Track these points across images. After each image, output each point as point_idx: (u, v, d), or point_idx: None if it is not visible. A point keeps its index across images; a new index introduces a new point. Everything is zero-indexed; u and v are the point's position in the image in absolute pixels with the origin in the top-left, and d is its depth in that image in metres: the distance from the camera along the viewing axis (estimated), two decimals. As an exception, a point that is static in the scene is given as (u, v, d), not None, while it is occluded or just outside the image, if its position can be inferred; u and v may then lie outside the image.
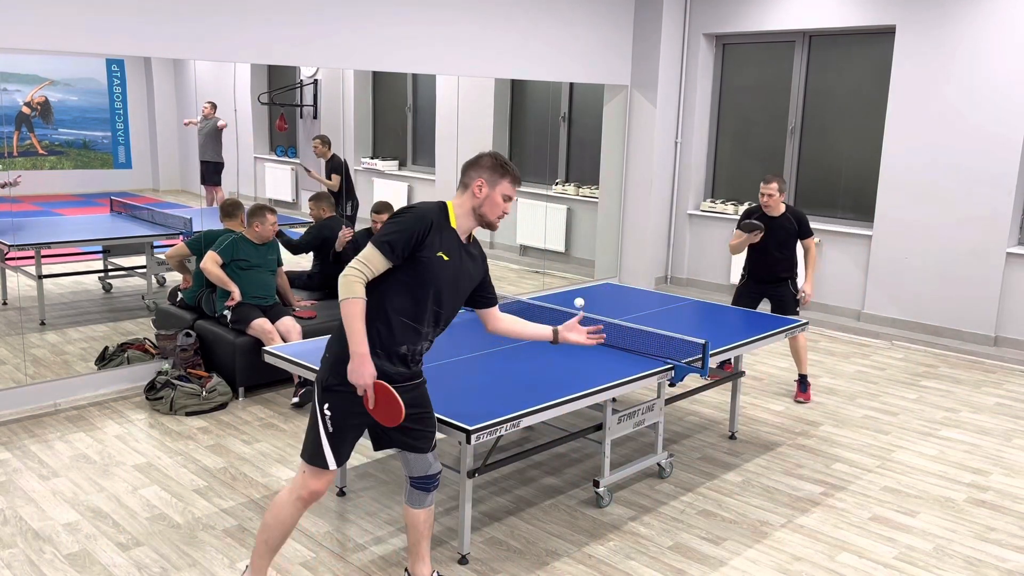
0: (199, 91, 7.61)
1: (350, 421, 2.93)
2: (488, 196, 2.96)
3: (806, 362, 5.76)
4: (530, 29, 7.27)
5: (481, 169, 2.97)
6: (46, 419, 5.07)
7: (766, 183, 5.56)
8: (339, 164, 7.59)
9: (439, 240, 2.88)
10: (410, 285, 2.87)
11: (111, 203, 7.38)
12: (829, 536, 3.94)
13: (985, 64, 6.73)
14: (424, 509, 3.16)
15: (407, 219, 2.83)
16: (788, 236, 5.62)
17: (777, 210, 5.61)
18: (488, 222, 3.00)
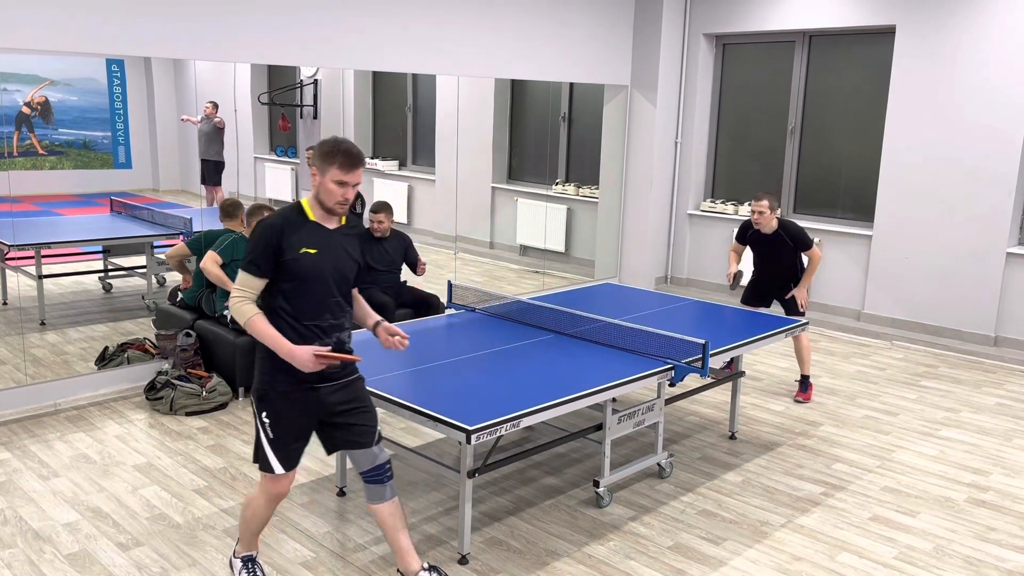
0: (199, 91, 7.61)
1: (286, 426, 3.02)
2: (321, 184, 2.97)
3: (809, 363, 5.77)
4: (530, 29, 7.27)
5: (315, 157, 2.98)
6: (46, 419, 5.07)
7: (756, 200, 5.57)
8: None
9: (298, 238, 2.95)
10: (296, 289, 2.96)
11: (111, 203, 7.38)
12: (829, 536, 3.94)
13: (985, 64, 6.73)
14: (387, 503, 3.17)
15: (258, 234, 2.94)
16: (784, 252, 5.64)
17: (769, 227, 5.62)
18: (328, 209, 3.00)
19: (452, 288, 5.08)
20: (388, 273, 6.21)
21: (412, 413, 3.34)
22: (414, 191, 9.29)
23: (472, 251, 9.48)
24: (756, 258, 5.83)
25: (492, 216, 9.46)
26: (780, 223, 5.64)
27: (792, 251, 5.63)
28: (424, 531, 3.87)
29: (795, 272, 5.71)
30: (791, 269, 5.70)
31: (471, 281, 8.37)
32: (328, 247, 3.02)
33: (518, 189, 9.24)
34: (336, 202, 2.98)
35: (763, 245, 5.70)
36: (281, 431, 3.01)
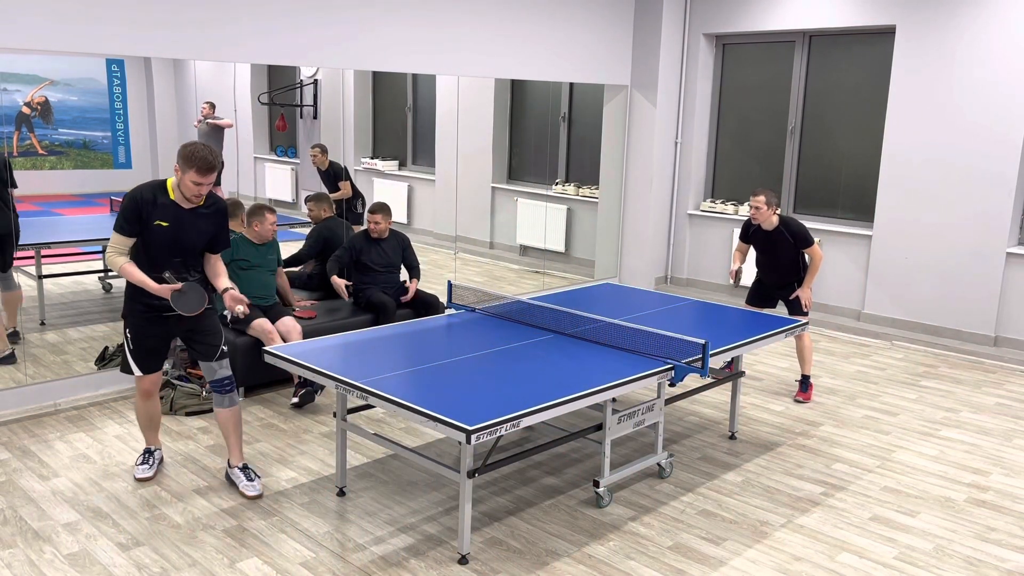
0: (199, 91, 7.61)
1: (144, 339, 4.03)
2: (182, 180, 3.85)
3: (810, 363, 5.77)
4: (530, 29, 7.28)
5: (178, 157, 3.84)
6: (46, 419, 5.07)
7: (754, 195, 5.55)
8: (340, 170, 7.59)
9: (155, 211, 3.86)
10: (145, 249, 3.90)
11: (111, 203, 7.38)
12: (829, 536, 3.94)
13: (985, 64, 6.73)
14: (227, 409, 4.15)
15: (125, 204, 3.84)
16: (785, 249, 5.62)
17: (769, 223, 5.59)
18: (186, 197, 3.90)
19: (452, 288, 5.08)
20: (387, 273, 6.21)
21: (412, 413, 3.34)
22: (414, 191, 9.29)
23: (472, 251, 9.48)
24: (758, 256, 5.83)
25: (492, 216, 9.46)
26: (781, 220, 5.61)
27: (793, 248, 5.61)
28: (424, 531, 3.87)
29: (797, 270, 5.69)
30: (793, 267, 5.68)
31: (471, 281, 8.37)
32: (180, 221, 3.90)
33: (518, 189, 9.24)
34: (192, 194, 3.88)
35: (764, 243, 5.69)
36: (139, 342, 4.02)
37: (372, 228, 6.12)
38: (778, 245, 5.64)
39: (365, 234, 6.17)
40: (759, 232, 5.69)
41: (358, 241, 6.14)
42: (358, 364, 3.88)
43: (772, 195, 5.57)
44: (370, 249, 6.14)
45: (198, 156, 3.80)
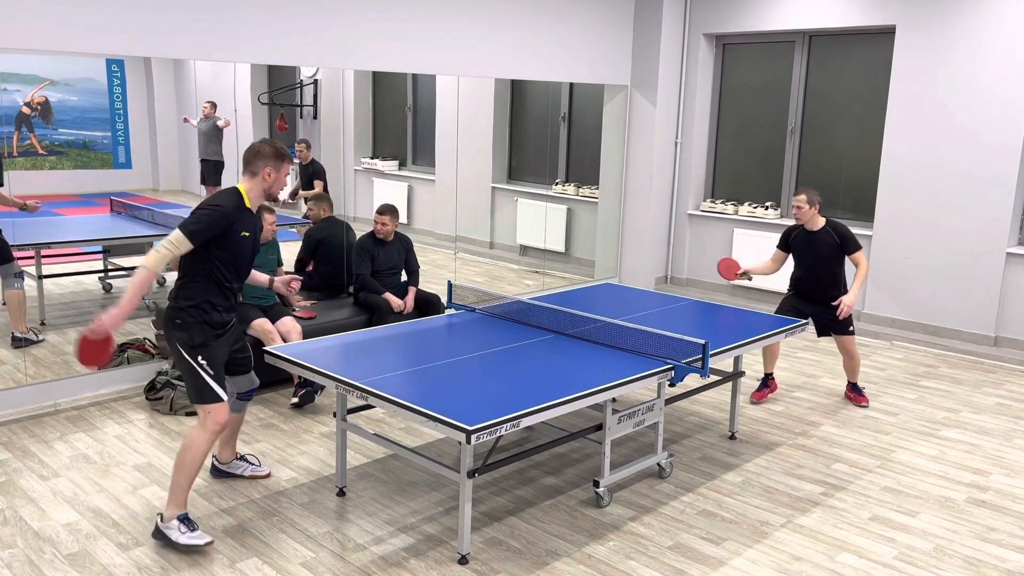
0: (199, 91, 7.61)
1: (216, 363, 3.72)
2: (276, 178, 3.73)
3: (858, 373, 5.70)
4: (530, 29, 7.27)
5: (263, 157, 3.69)
6: (46, 419, 5.07)
7: (796, 195, 5.39)
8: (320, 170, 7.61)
9: (240, 223, 3.65)
10: (227, 259, 3.66)
11: (111, 203, 7.37)
12: (829, 536, 3.94)
13: (985, 64, 6.73)
14: (241, 414, 4.22)
15: (214, 216, 3.56)
16: (829, 251, 5.40)
17: (814, 224, 5.42)
18: (274, 196, 3.82)
19: (452, 288, 5.08)
20: (390, 275, 6.22)
21: (412, 413, 3.34)
22: (414, 191, 9.29)
23: (472, 251, 9.48)
24: (798, 264, 5.55)
25: (492, 216, 9.46)
26: (828, 221, 5.44)
27: (838, 251, 5.39)
28: (424, 531, 3.87)
29: (838, 283, 5.47)
30: (835, 278, 5.44)
31: (471, 281, 8.37)
32: (255, 230, 3.78)
33: (518, 189, 9.24)
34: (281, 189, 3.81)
35: (807, 246, 5.43)
36: (216, 367, 3.69)
37: (379, 229, 6.12)
38: (821, 249, 5.39)
39: (371, 235, 6.17)
40: (801, 235, 5.47)
41: (368, 243, 6.14)
42: (358, 364, 3.88)
43: (814, 193, 5.37)
44: (377, 250, 6.14)
45: (281, 148, 3.74)
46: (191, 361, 3.64)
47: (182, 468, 3.64)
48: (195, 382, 3.66)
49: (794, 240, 5.56)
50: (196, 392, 3.67)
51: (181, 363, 3.67)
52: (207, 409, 3.66)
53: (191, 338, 3.63)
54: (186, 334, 3.63)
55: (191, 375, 3.66)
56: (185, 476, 3.64)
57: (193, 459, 3.63)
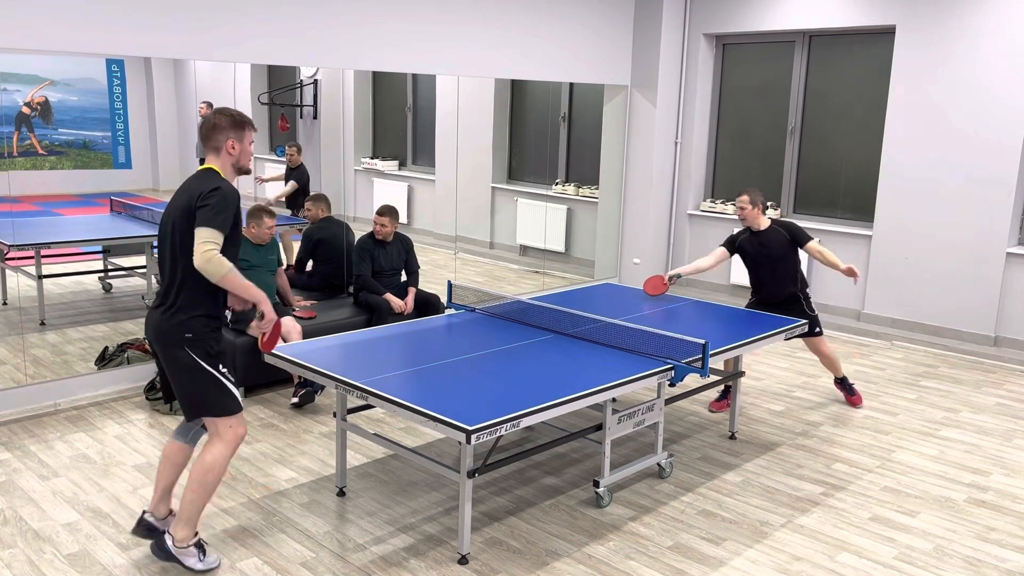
0: (199, 91, 7.61)
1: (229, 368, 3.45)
2: (243, 149, 3.40)
3: (840, 366, 5.62)
4: (530, 29, 7.27)
5: (226, 128, 3.36)
6: (46, 419, 5.07)
7: (738, 196, 5.33)
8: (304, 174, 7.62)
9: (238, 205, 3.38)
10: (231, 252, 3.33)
11: (111, 203, 7.38)
12: (829, 536, 3.94)
13: (985, 64, 6.73)
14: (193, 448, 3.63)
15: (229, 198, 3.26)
16: (782, 249, 5.32)
17: (759, 224, 5.34)
18: (246, 171, 3.45)
19: (452, 288, 5.08)
20: (390, 276, 6.22)
21: (412, 413, 3.34)
22: (414, 191, 9.29)
23: (472, 251, 9.48)
24: (752, 267, 5.45)
25: (492, 216, 9.46)
26: (774, 220, 5.39)
27: (791, 247, 5.32)
28: (424, 531, 3.87)
29: (794, 277, 5.40)
30: (792, 274, 5.38)
31: (471, 281, 8.37)
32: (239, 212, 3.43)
33: (518, 189, 9.24)
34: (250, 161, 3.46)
35: (759, 247, 5.36)
36: (232, 373, 3.48)
37: (378, 231, 6.12)
38: (773, 248, 5.32)
39: (371, 236, 6.17)
40: (749, 238, 5.38)
41: (368, 244, 6.14)
42: (358, 364, 3.88)
43: (757, 193, 5.31)
44: (377, 252, 6.15)
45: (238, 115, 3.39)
46: (213, 372, 3.32)
47: (204, 490, 3.36)
48: (219, 392, 3.34)
49: (743, 244, 5.41)
50: (220, 404, 3.35)
51: (198, 378, 3.31)
52: (231, 421, 3.38)
53: (209, 348, 3.33)
54: (202, 346, 3.31)
55: (214, 386, 3.33)
56: (206, 498, 3.39)
57: (216, 479, 3.38)
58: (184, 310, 3.28)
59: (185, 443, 3.56)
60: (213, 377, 3.32)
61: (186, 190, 3.29)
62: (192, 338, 3.29)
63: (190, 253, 3.21)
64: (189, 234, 3.22)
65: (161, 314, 3.31)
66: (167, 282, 3.33)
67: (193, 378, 3.31)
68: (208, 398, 3.34)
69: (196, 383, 3.32)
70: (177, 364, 3.31)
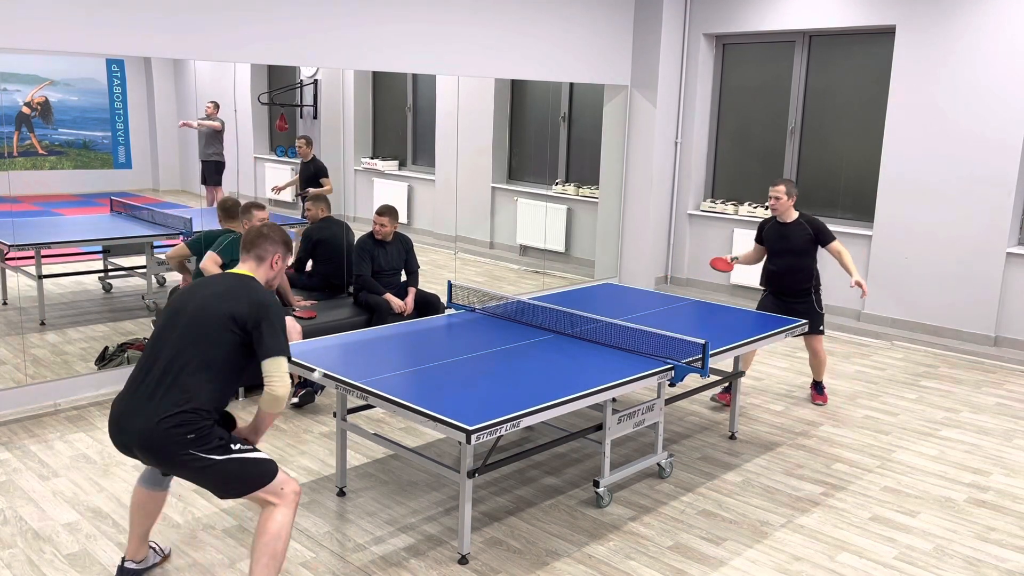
0: (199, 91, 7.61)
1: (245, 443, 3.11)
2: (281, 268, 3.31)
3: (824, 371, 5.69)
4: (530, 29, 7.27)
5: (277, 244, 3.26)
6: (46, 419, 5.07)
7: (774, 185, 5.38)
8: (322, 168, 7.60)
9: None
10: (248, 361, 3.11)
11: (111, 203, 7.37)
12: (829, 536, 3.94)
13: (985, 63, 6.73)
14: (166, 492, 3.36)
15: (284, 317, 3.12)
16: (803, 244, 5.35)
17: (788, 216, 5.40)
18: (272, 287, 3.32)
19: (452, 288, 5.08)
20: (390, 275, 6.22)
21: (412, 413, 3.34)
22: (414, 191, 9.29)
23: (472, 251, 9.48)
24: (771, 257, 5.50)
25: (492, 216, 9.46)
26: (802, 214, 5.43)
27: (811, 244, 5.34)
28: (424, 531, 3.87)
29: (811, 275, 5.42)
30: (806, 271, 5.39)
31: (471, 281, 8.37)
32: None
33: (518, 189, 9.24)
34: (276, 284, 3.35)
35: (780, 238, 5.40)
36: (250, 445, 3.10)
37: (377, 230, 6.12)
38: (795, 242, 5.35)
39: (371, 236, 6.17)
40: (775, 227, 5.44)
41: (368, 244, 6.14)
42: (358, 364, 3.88)
43: (792, 185, 5.36)
44: (377, 252, 6.14)
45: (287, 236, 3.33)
46: (227, 458, 2.96)
47: (276, 561, 3.00)
48: (247, 469, 2.99)
49: (767, 232, 5.51)
50: (258, 477, 3.00)
51: (213, 472, 2.95)
52: (277, 484, 3.03)
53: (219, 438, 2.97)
54: (211, 440, 2.94)
55: (240, 467, 2.98)
56: (278, 569, 3.03)
57: (285, 545, 3.03)
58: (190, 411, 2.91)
59: (157, 490, 3.29)
60: (230, 463, 2.96)
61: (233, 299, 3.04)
62: (196, 438, 2.90)
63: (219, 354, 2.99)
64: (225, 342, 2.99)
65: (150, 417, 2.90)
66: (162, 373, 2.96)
67: (211, 474, 2.95)
68: (239, 482, 2.99)
69: (217, 478, 2.97)
70: (187, 468, 2.93)
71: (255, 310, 3.02)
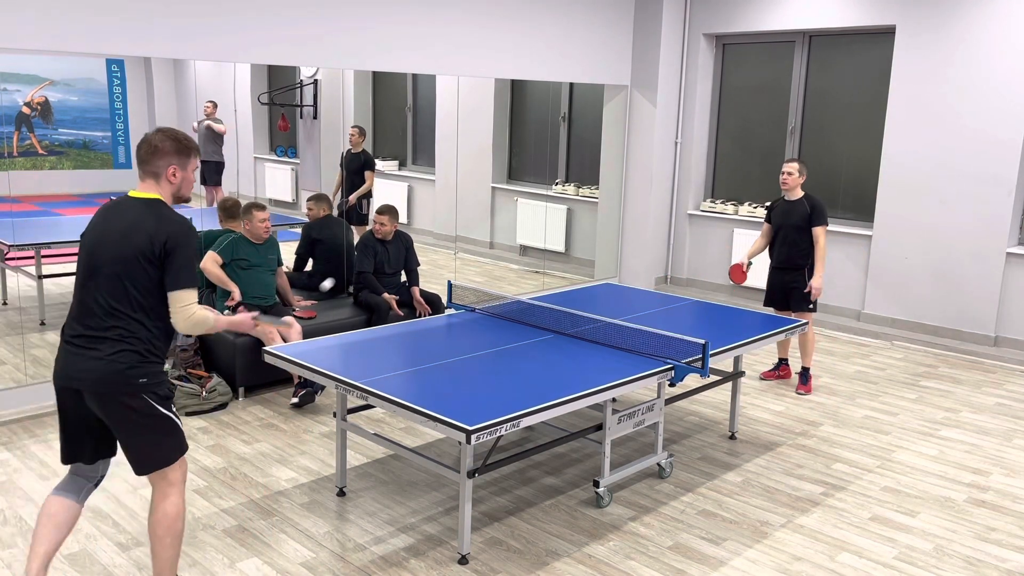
0: (199, 91, 7.61)
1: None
2: (185, 177, 3.04)
3: (811, 356, 5.88)
4: (530, 29, 7.27)
5: (169, 155, 2.99)
6: (46, 419, 5.06)
7: (788, 162, 5.74)
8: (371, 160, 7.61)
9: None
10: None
11: (111, 203, 7.36)
12: (829, 536, 3.94)
13: (985, 64, 6.73)
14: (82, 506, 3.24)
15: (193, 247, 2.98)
16: (800, 220, 5.71)
17: (795, 194, 5.76)
18: (187, 200, 3.13)
19: (452, 288, 5.08)
20: (389, 275, 6.22)
21: (412, 413, 3.34)
22: (414, 191, 9.29)
23: (472, 251, 9.48)
24: (776, 233, 5.85)
25: (492, 216, 9.47)
26: (807, 193, 5.77)
27: (806, 220, 5.67)
28: (424, 531, 3.87)
29: (807, 252, 5.72)
30: (804, 248, 5.71)
31: (471, 281, 8.37)
32: None
33: (518, 189, 9.25)
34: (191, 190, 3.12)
35: (783, 214, 5.77)
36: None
37: (377, 229, 6.12)
38: (794, 217, 5.71)
39: (371, 235, 6.17)
40: (781, 204, 5.81)
41: (370, 241, 6.14)
42: (358, 364, 3.88)
43: (804, 166, 5.74)
44: (378, 251, 6.15)
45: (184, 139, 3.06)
46: (167, 413, 3.01)
47: (177, 540, 3.08)
48: (174, 435, 3.04)
49: (775, 210, 5.88)
50: (175, 446, 3.04)
51: (151, 423, 2.97)
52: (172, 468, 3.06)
53: (161, 390, 3.00)
54: (155, 389, 2.98)
55: (168, 431, 3.02)
56: (179, 548, 3.10)
57: (183, 525, 3.10)
58: (133, 352, 2.91)
59: (75, 501, 3.15)
60: (166, 420, 3.00)
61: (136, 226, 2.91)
62: (147, 383, 2.93)
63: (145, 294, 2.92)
64: (145, 276, 2.91)
65: (100, 358, 2.89)
66: (100, 318, 2.93)
67: (147, 425, 2.96)
68: (164, 446, 3.02)
69: (154, 431, 2.99)
70: (129, 414, 2.94)
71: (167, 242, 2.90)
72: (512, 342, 4.35)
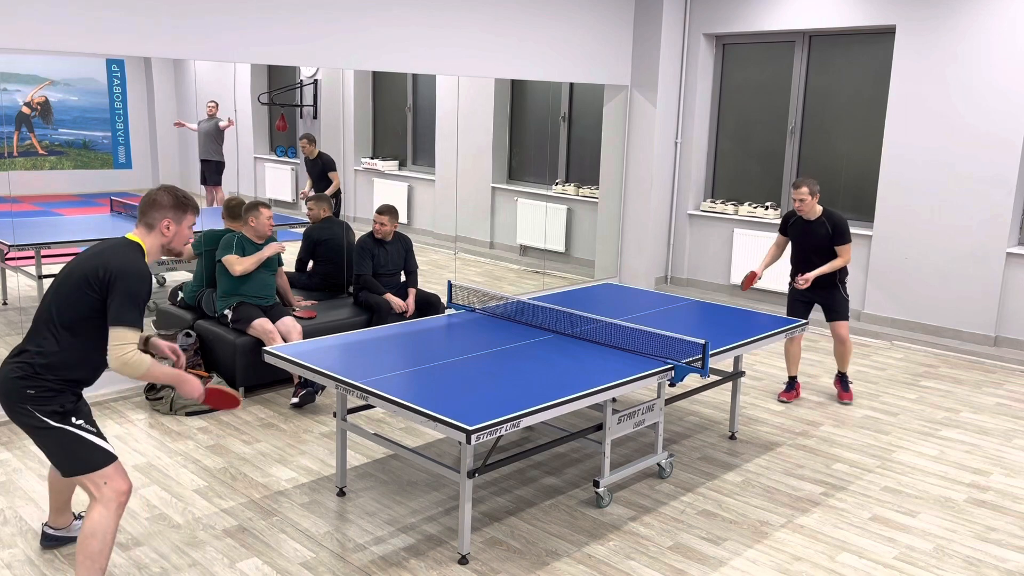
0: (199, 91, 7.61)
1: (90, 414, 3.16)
2: (178, 231, 3.19)
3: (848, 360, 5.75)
4: (530, 29, 7.27)
5: (165, 210, 3.14)
6: (46, 419, 5.06)
7: (795, 188, 5.47)
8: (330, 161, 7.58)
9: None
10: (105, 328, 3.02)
11: (111, 203, 7.38)
12: (829, 536, 3.94)
13: (985, 64, 6.73)
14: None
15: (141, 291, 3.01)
16: (822, 240, 5.48)
17: (812, 213, 5.50)
18: (178, 252, 3.26)
19: (452, 288, 5.08)
20: (389, 275, 6.22)
21: (412, 413, 3.34)
22: (414, 191, 9.29)
23: (472, 251, 9.48)
24: (795, 250, 5.68)
25: (492, 216, 9.47)
26: (825, 211, 5.52)
27: (828, 240, 5.46)
28: (424, 531, 3.87)
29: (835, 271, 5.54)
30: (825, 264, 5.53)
31: (471, 281, 8.37)
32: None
33: (518, 189, 9.25)
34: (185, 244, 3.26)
35: (803, 234, 5.55)
36: (93, 422, 3.14)
37: (377, 229, 6.12)
38: (814, 238, 5.50)
39: (371, 236, 6.17)
40: (799, 222, 5.58)
41: (368, 243, 6.14)
42: (358, 364, 3.88)
43: (813, 183, 5.46)
44: (376, 251, 6.15)
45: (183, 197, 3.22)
46: (64, 427, 3.03)
47: (91, 562, 3.04)
48: (77, 447, 3.04)
49: (792, 226, 5.66)
50: (83, 460, 3.04)
51: (47, 434, 3.03)
52: (103, 476, 3.05)
53: (51, 405, 3.02)
54: (43, 404, 3.01)
55: (70, 442, 3.04)
56: (99, 568, 3.07)
57: (102, 546, 3.05)
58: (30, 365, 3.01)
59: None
60: (64, 434, 3.02)
61: (99, 258, 3.02)
62: (33, 395, 2.99)
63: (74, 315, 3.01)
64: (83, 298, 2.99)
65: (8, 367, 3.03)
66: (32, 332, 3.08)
67: (49, 436, 3.03)
68: (73, 456, 3.05)
69: (55, 442, 3.04)
70: (25, 421, 3.03)
71: (110, 275, 2.97)
72: (512, 342, 4.35)
